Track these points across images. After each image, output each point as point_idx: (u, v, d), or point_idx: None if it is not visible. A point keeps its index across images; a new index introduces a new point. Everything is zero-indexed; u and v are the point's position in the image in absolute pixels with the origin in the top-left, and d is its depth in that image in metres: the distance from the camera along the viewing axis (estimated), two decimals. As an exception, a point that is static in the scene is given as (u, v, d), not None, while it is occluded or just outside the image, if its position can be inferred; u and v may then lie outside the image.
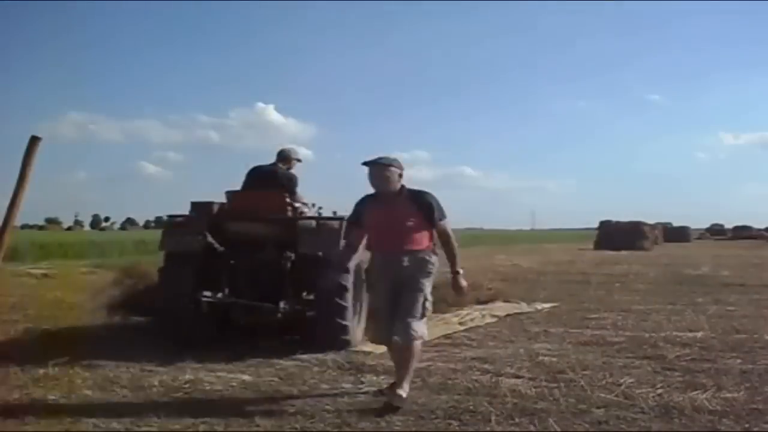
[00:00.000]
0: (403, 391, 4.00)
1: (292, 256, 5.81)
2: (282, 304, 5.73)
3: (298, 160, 6.61)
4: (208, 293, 5.74)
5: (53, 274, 15.33)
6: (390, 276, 4.17)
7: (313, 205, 6.49)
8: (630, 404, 3.97)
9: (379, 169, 4.16)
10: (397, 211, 4.17)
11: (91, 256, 24.00)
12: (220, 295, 5.83)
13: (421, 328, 4.10)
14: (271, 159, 6.55)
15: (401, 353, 4.13)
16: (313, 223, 5.98)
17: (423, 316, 4.15)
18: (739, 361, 5.21)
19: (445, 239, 4.27)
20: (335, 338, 5.60)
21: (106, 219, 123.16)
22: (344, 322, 5.60)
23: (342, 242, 5.20)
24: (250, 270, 5.97)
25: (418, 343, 4.12)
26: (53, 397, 4.20)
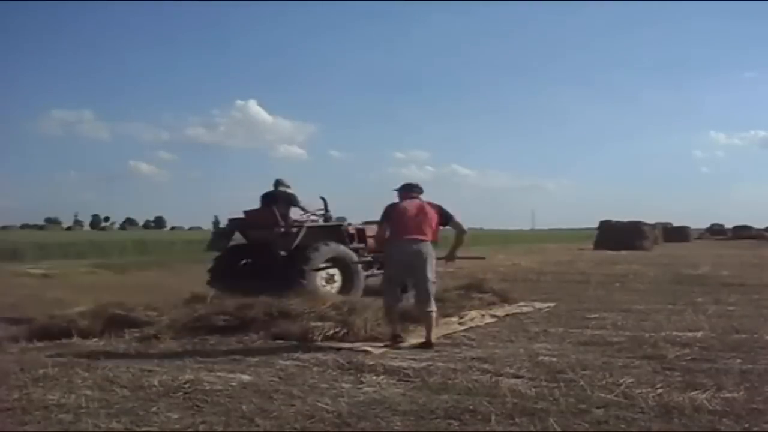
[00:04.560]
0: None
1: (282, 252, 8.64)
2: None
3: (288, 186, 9.42)
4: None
5: (53, 274, 15.34)
6: None
7: (322, 208, 9.51)
8: (630, 404, 3.97)
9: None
10: None
11: (91, 256, 24.01)
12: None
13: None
14: (264, 157, 7.37)
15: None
16: (281, 230, 8.77)
17: None
18: (739, 361, 5.21)
19: None
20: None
21: (106, 219, 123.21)
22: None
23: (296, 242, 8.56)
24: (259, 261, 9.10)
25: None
26: (53, 397, 4.19)
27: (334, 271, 8.93)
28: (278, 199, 9.17)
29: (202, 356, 5.54)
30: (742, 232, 57.46)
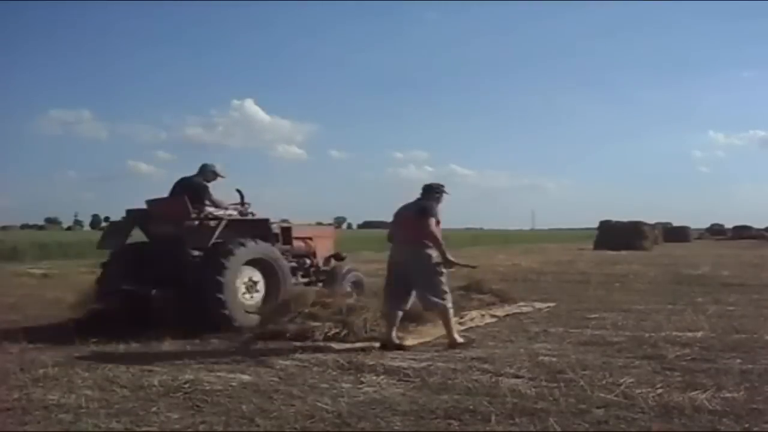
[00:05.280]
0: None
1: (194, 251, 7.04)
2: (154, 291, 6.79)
3: (222, 176, 7.76)
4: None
5: (53, 274, 15.35)
6: None
7: (242, 204, 7.77)
8: (630, 404, 3.97)
9: None
10: None
11: (91, 256, 23.95)
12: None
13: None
14: (264, 157, 6.97)
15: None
16: (195, 224, 7.08)
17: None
18: (739, 361, 5.21)
19: None
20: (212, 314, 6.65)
21: (106, 219, 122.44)
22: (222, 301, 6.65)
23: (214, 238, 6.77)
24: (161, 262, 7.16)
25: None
26: (53, 397, 4.19)
27: (258, 276, 7.18)
28: (192, 187, 7.45)
29: (202, 356, 5.54)
30: (742, 232, 57.50)
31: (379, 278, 11.97)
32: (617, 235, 32.23)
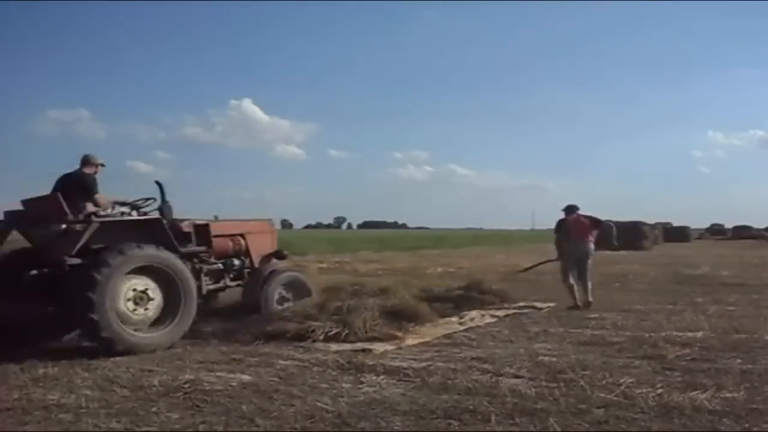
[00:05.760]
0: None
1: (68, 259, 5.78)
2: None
3: (102, 165, 6.65)
4: None
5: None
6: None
7: (121, 203, 6.57)
8: (630, 404, 3.97)
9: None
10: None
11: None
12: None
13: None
14: (263, 157, 6.68)
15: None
16: (63, 227, 6.09)
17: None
18: (739, 361, 5.21)
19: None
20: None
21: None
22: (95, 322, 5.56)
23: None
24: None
25: None
26: (53, 397, 4.20)
27: (151, 285, 6.04)
28: (73, 183, 6.44)
29: (202, 356, 5.54)
30: (742, 232, 57.53)
31: (379, 278, 11.99)
32: (617, 235, 32.18)
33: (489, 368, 4.96)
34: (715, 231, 68.40)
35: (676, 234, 46.88)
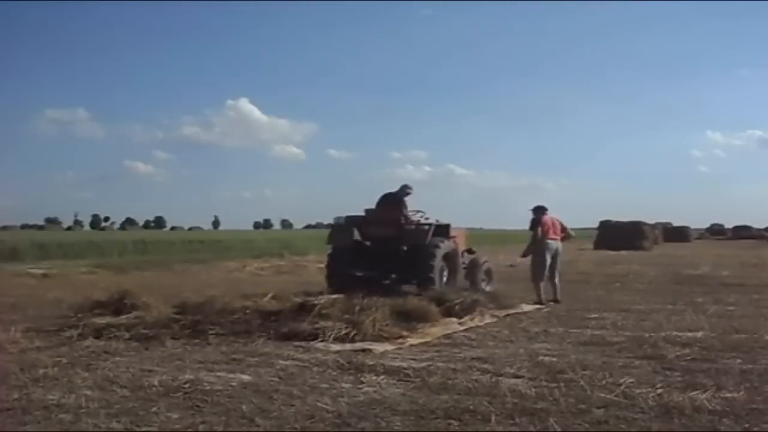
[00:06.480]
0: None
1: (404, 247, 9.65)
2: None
3: (410, 192, 10.07)
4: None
5: (53, 274, 15.35)
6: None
7: (418, 212, 10.16)
8: (630, 404, 3.97)
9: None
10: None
11: (91, 257, 24.01)
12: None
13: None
14: (262, 156, 7.12)
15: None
16: (413, 226, 9.72)
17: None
18: (739, 361, 5.22)
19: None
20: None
21: (106, 219, 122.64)
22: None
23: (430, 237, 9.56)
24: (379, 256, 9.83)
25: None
26: (53, 397, 4.19)
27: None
28: (396, 200, 9.90)
29: (202, 356, 5.54)
30: (742, 232, 57.60)
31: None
32: (617, 235, 32.25)
33: (489, 368, 4.96)
34: (715, 231, 68.42)
35: (676, 234, 46.93)
